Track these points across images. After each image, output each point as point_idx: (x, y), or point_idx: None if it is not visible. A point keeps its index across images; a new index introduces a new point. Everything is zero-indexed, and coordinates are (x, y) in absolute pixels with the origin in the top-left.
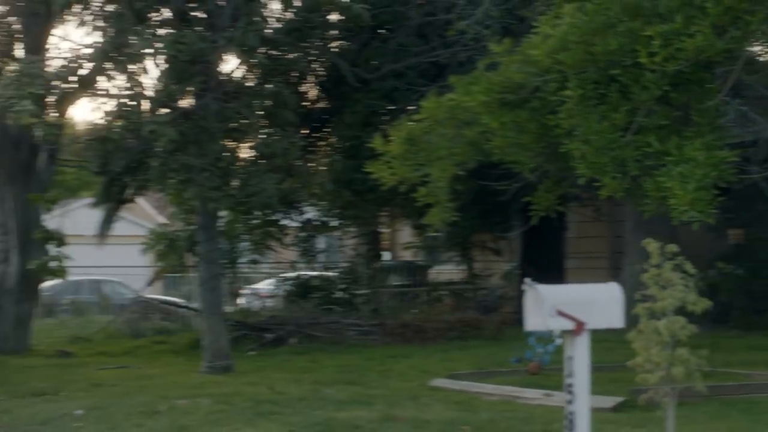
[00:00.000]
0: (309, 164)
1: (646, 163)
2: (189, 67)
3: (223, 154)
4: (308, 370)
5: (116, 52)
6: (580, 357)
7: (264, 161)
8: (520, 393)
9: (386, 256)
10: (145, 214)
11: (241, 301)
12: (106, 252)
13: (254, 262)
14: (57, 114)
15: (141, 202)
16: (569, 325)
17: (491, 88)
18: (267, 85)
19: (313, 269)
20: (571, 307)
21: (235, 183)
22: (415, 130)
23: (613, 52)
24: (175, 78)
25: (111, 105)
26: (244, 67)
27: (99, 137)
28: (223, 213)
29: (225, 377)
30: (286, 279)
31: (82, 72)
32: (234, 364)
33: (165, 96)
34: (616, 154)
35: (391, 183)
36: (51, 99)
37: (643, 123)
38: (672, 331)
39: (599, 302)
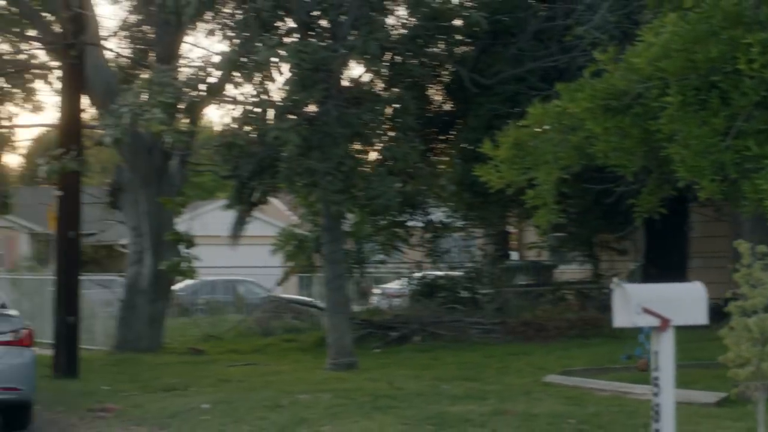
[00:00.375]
0: (433, 167)
1: (745, 166)
2: (312, 74)
3: (346, 158)
4: (429, 367)
5: (243, 61)
6: (665, 352)
7: (385, 165)
8: (629, 389)
9: (514, 256)
10: (281, 214)
11: (373, 300)
12: (242, 252)
13: (381, 262)
14: (187, 121)
15: (275, 202)
16: (655, 322)
17: (595, 94)
18: (388, 91)
19: (439, 269)
20: (657, 305)
21: (357, 186)
22: (522, 135)
23: (714, 60)
24: (299, 85)
25: (238, 112)
26: (367, 74)
27: (226, 143)
28: (350, 215)
29: (348, 374)
30: (415, 279)
31: (211, 80)
32: (358, 361)
33: (289, 103)
34: (715, 157)
35: (498, 186)
36: (180, 107)
37: (742, 127)
38: (762, 328)
39: (684, 300)
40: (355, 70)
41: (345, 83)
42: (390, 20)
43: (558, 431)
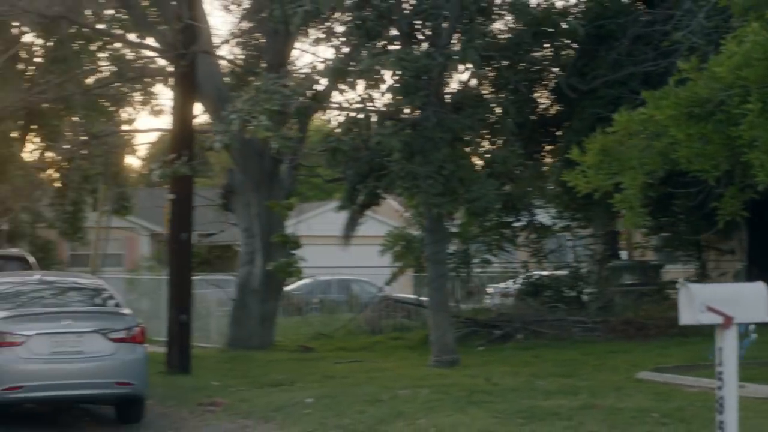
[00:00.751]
0: (534, 169)
1: None
2: (414, 81)
3: (446, 162)
4: (529, 364)
5: (348, 69)
6: (728, 348)
7: (485, 168)
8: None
9: (623, 255)
10: (396, 214)
11: (485, 299)
12: (359, 252)
13: (487, 262)
14: (295, 127)
15: (392, 202)
16: (718, 320)
17: (679, 102)
18: (492, 96)
19: (545, 269)
20: (719, 304)
21: (457, 189)
22: (608, 141)
23: None
24: (401, 92)
25: (342, 118)
26: (467, 80)
27: (330, 148)
28: (457, 216)
29: (450, 370)
30: (526, 278)
31: (318, 87)
32: (460, 358)
33: (392, 109)
34: None
35: (585, 190)
36: (287, 114)
37: None
38: None
39: (746, 299)
40: (458, 75)
41: (448, 88)
42: (492, 27)
43: (640, 424)
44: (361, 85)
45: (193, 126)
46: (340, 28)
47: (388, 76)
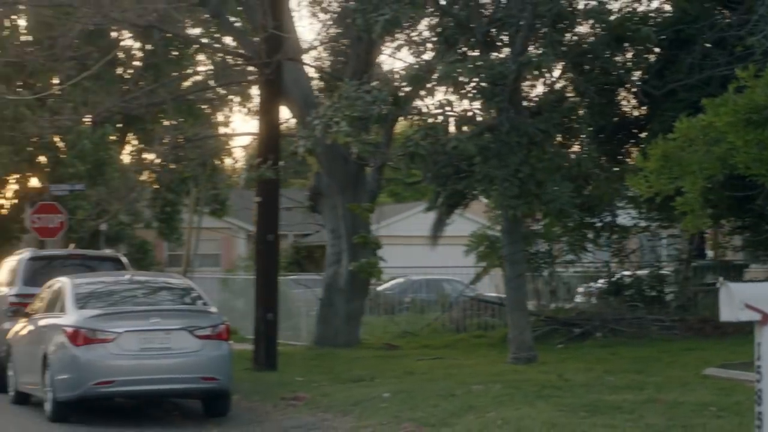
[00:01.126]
0: (610, 172)
1: None
2: (490, 88)
3: (522, 165)
4: (604, 361)
5: (426, 75)
6: (766, 343)
7: (560, 171)
8: None
9: (708, 255)
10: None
11: (577, 299)
12: (452, 251)
13: (570, 262)
14: (380, 131)
15: (484, 201)
16: (756, 317)
17: (737, 109)
18: (567, 101)
19: (627, 269)
20: (758, 301)
21: (533, 191)
22: (669, 147)
23: None
24: (477, 98)
25: (421, 123)
26: (546, 85)
27: (408, 153)
28: (540, 217)
29: (526, 367)
30: (608, 278)
31: (399, 94)
32: (537, 355)
33: (469, 114)
34: None
35: (647, 194)
36: (368, 119)
37: None
38: None
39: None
40: (539, 80)
41: (528, 93)
42: (570, 33)
43: (697, 417)
44: (439, 91)
45: (279, 131)
46: (420, 36)
47: (466, 83)
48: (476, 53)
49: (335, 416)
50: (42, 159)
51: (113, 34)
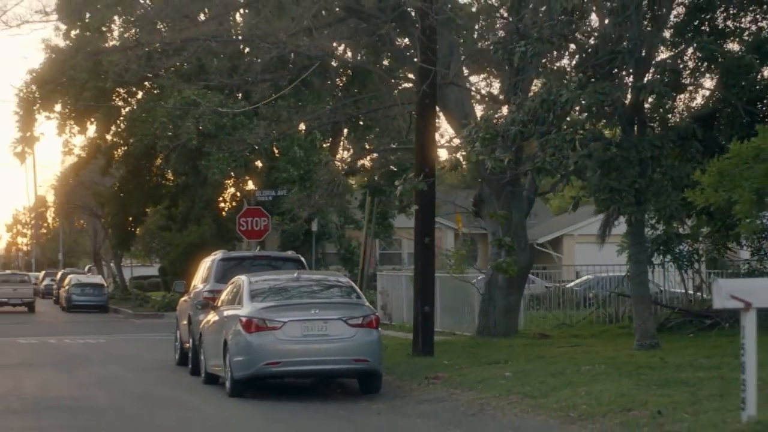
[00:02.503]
0: None
1: None
2: (611, 110)
3: (638, 178)
4: (720, 347)
5: (552, 100)
6: (749, 326)
7: (671, 181)
8: None
9: None
10: None
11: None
12: None
13: (714, 260)
14: (513, 149)
15: None
16: (740, 305)
17: None
18: (679, 120)
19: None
20: (740, 293)
21: (649, 200)
22: (724, 165)
23: None
24: (599, 119)
25: (549, 142)
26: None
27: (535, 168)
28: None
29: (645, 353)
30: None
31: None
32: (660, 342)
33: (589, 135)
34: None
35: (701, 204)
36: (505, 138)
37: None
38: None
39: (764, 289)
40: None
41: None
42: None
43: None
44: (562, 113)
45: (433, 148)
46: (554, 64)
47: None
48: (598, 81)
49: (462, 391)
50: (258, 164)
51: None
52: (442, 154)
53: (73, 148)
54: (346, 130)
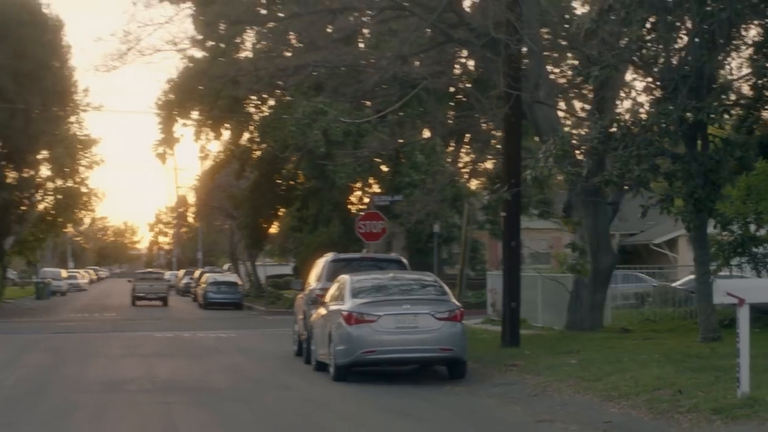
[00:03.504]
0: None
1: None
2: (674, 128)
3: (698, 189)
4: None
5: (619, 121)
6: (743, 319)
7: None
8: None
9: None
10: None
11: None
12: None
13: None
14: (587, 163)
15: None
16: (735, 301)
17: None
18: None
19: None
20: (735, 291)
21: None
22: (752, 181)
23: None
24: (663, 137)
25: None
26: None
27: (604, 179)
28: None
29: (706, 345)
30: None
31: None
32: (722, 336)
33: (656, 149)
34: None
35: (732, 215)
36: (587, 153)
37: None
38: None
39: (757, 288)
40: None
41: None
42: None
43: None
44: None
45: (519, 160)
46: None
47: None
48: (662, 102)
49: (532, 376)
50: (384, 168)
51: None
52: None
53: (208, 154)
54: (468, 136)
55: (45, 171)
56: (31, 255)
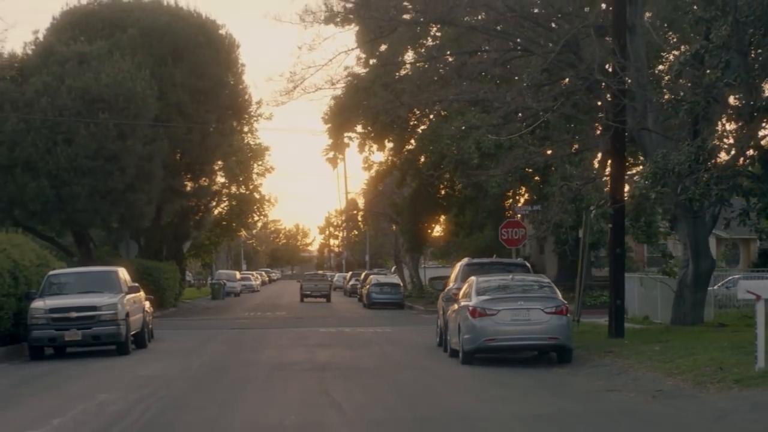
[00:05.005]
0: None
1: None
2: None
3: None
4: None
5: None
6: (759, 312)
7: None
8: None
9: None
10: None
11: None
12: None
13: None
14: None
15: None
16: (753, 297)
17: None
18: None
19: None
20: (755, 289)
21: None
22: None
23: None
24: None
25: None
26: None
27: (687, 198)
28: None
29: None
30: None
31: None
32: None
33: (732, 171)
34: None
35: None
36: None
37: None
38: None
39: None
40: None
41: None
42: None
43: None
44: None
45: (621, 181)
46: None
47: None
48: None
49: (621, 359)
50: (536, 178)
51: None
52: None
53: (372, 164)
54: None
55: (220, 179)
56: (206, 257)
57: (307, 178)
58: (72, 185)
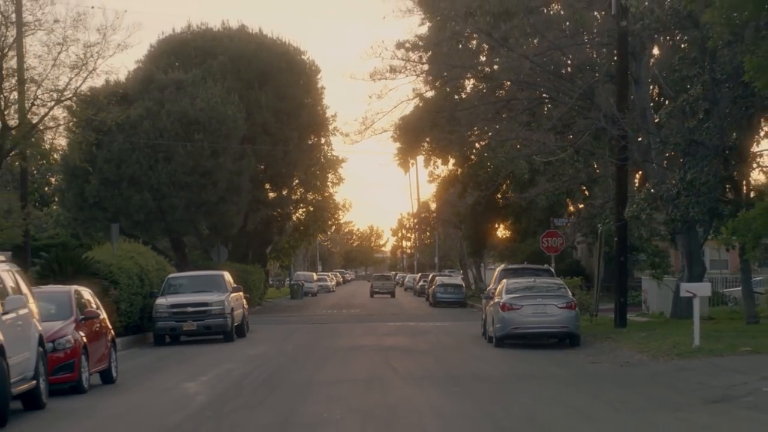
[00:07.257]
0: None
1: None
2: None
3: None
4: None
5: (686, 180)
6: (696, 305)
7: None
8: None
9: None
10: None
11: None
12: None
13: None
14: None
15: None
16: (691, 295)
17: None
18: None
19: None
20: (691, 289)
21: None
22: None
23: None
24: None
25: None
26: None
27: (680, 218)
28: None
29: (749, 326)
30: None
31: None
32: (760, 320)
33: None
34: None
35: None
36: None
37: None
38: None
39: (701, 288)
40: None
41: None
42: None
43: None
44: None
45: (624, 201)
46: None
47: None
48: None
49: (614, 343)
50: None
51: None
52: None
53: (436, 177)
54: None
55: (299, 189)
56: (286, 260)
57: (382, 182)
58: (171, 198)
